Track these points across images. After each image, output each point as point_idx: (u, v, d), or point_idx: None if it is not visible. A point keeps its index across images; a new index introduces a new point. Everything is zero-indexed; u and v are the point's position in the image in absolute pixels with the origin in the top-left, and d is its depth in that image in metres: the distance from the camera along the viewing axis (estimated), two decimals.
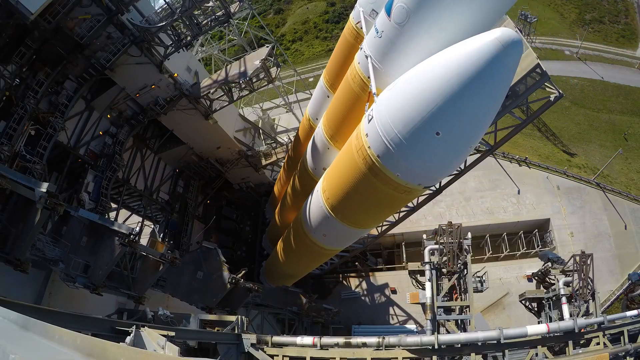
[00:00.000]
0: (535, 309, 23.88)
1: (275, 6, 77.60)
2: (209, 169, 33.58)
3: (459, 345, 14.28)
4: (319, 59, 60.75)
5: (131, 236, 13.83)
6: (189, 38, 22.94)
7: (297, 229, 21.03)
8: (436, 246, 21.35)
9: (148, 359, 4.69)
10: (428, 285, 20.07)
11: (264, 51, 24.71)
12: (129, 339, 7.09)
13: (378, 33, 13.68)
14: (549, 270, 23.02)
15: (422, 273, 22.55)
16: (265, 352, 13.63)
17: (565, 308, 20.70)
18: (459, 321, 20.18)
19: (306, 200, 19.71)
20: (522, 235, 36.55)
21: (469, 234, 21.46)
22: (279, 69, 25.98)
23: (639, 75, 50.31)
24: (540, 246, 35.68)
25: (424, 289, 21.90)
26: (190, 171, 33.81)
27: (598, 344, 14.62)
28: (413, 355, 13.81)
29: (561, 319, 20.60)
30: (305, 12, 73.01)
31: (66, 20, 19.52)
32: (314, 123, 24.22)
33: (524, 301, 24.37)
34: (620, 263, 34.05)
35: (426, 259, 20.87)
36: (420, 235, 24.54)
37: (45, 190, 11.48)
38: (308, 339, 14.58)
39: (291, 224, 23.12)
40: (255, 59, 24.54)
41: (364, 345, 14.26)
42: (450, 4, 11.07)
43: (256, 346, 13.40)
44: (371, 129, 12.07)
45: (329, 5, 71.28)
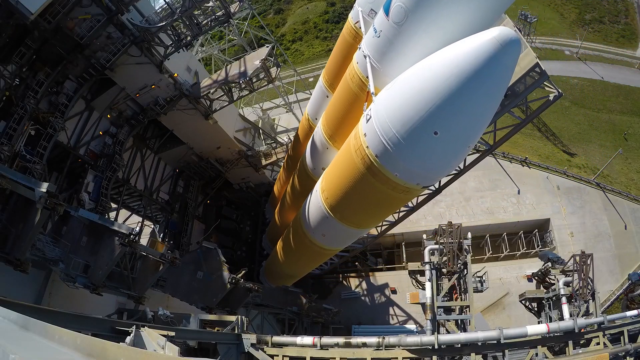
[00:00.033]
0: (535, 309, 23.88)
1: (275, 6, 77.59)
2: (209, 169, 33.58)
3: (459, 345, 14.28)
4: (319, 59, 60.72)
5: (131, 236, 13.84)
6: (189, 38, 22.95)
7: (297, 229, 21.04)
8: (436, 246, 21.35)
9: (148, 359, 4.69)
10: (428, 285, 20.07)
11: (264, 51, 24.72)
12: (129, 339, 7.09)
13: (376, 33, 13.65)
14: (549, 270, 23.02)
15: (422, 273, 22.55)
16: (265, 352, 13.64)
17: (565, 308, 20.70)
18: (459, 321, 20.18)
19: (305, 200, 19.72)
20: (522, 235, 36.53)
21: (469, 234, 21.46)
22: (279, 69, 25.99)
23: (639, 75, 50.29)
24: (540, 246, 35.67)
25: (424, 289, 21.90)
26: (190, 171, 33.82)
27: (598, 344, 14.62)
28: (413, 355, 13.81)
29: (561, 319, 20.60)
30: (305, 12, 73.00)
31: (66, 20, 19.53)
32: (313, 123, 24.21)
33: (524, 301, 24.37)
34: (620, 263, 34.05)
35: (426, 259, 20.87)
36: (420, 235, 24.55)
37: (45, 190, 11.48)
38: (308, 339, 14.58)
39: (290, 224, 23.13)
40: (255, 59, 24.55)
41: (364, 345, 14.26)
42: (448, 3, 11.03)
43: (256, 346, 13.40)
44: (369, 128, 12.06)
45: (329, 5, 71.28)
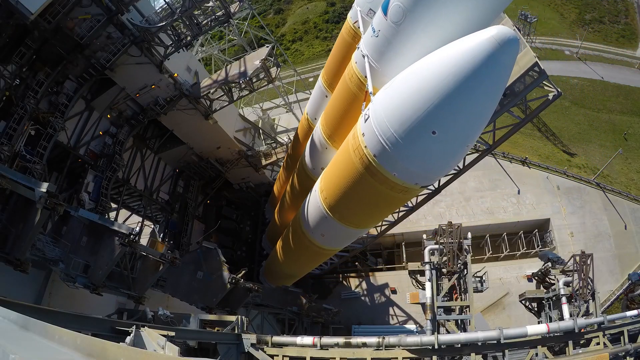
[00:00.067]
0: (535, 309, 23.89)
1: (275, 6, 77.58)
2: (209, 169, 33.58)
3: (459, 345, 14.28)
4: (319, 59, 60.70)
5: (131, 236, 13.84)
6: (189, 38, 22.95)
7: (296, 229, 21.02)
8: (436, 246, 21.37)
9: (148, 359, 4.69)
10: (428, 285, 20.08)
11: (264, 51, 24.72)
12: (129, 339, 7.10)
13: (375, 32, 13.60)
14: (549, 270, 23.03)
15: (422, 273, 22.56)
16: (265, 352, 13.64)
17: (565, 308, 20.71)
18: (459, 321, 20.20)
19: (304, 200, 19.69)
20: (522, 235, 36.52)
21: (469, 234, 21.46)
22: (279, 69, 25.98)
23: (639, 75, 50.29)
24: (540, 246, 35.66)
25: (424, 289, 21.91)
26: (190, 171, 33.81)
27: (598, 344, 14.62)
28: (413, 355, 13.81)
29: (561, 319, 20.61)
30: (305, 12, 73.01)
31: (66, 20, 19.53)
32: (313, 123, 24.18)
33: (524, 301, 24.38)
34: (620, 263, 34.05)
35: (426, 259, 20.89)
36: (420, 235, 24.55)
37: (45, 190, 11.48)
38: (308, 339, 14.58)
39: (290, 224, 23.12)
40: (255, 59, 24.54)
41: (364, 345, 14.26)
42: (446, 2, 10.98)
43: (256, 346, 13.41)
44: (368, 128, 12.03)
45: (329, 5, 71.28)
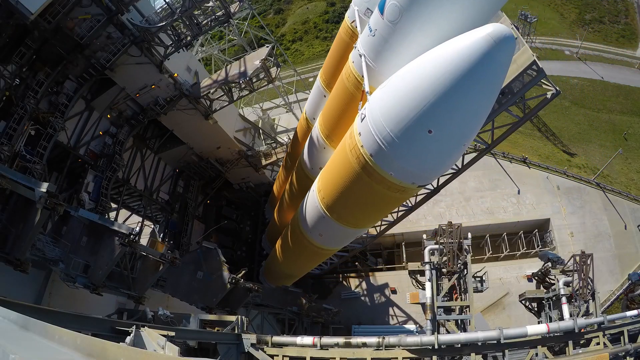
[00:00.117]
0: (535, 309, 23.89)
1: (275, 6, 77.62)
2: (209, 169, 33.58)
3: (459, 345, 14.28)
4: (319, 59, 60.68)
5: (131, 236, 13.84)
6: (189, 38, 22.94)
7: (294, 229, 21.01)
8: (436, 246, 21.36)
9: (148, 359, 4.69)
10: (428, 285, 20.08)
11: (264, 51, 24.72)
12: (129, 339, 7.10)
13: (372, 32, 13.55)
14: (549, 270, 23.02)
15: (422, 273, 22.56)
16: (265, 352, 13.64)
17: (565, 308, 20.70)
18: (459, 321, 20.19)
19: (303, 199, 19.66)
20: (522, 235, 36.53)
21: (469, 234, 21.46)
22: (279, 69, 25.98)
23: (639, 75, 50.30)
24: (540, 246, 35.67)
25: (424, 289, 21.91)
26: (190, 171, 33.81)
27: (598, 344, 14.62)
28: (413, 355, 13.81)
29: (561, 319, 20.60)
30: (305, 12, 73.03)
31: (66, 20, 19.52)
32: (311, 122, 24.14)
33: (524, 301, 24.38)
34: (620, 263, 34.05)
35: (426, 259, 20.88)
36: (420, 235, 24.53)
37: (45, 190, 11.48)
38: (308, 339, 14.57)
39: (289, 223, 23.11)
40: (255, 59, 24.54)
41: (364, 345, 14.26)
42: (442, 0, 10.94)
43: (256, 346, 13.40)
44: (364, 127, 11.99)
45: (329, 5, 71.31)
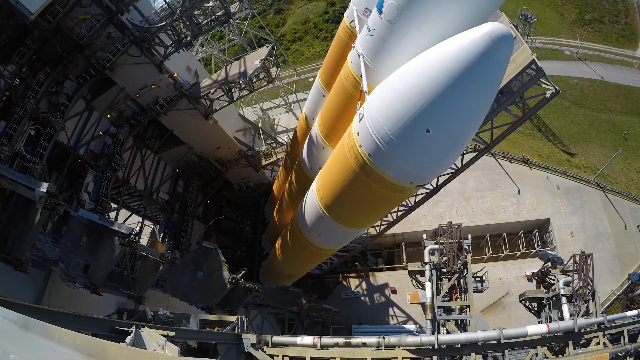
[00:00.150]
0: (535, 309, 23.90)
1: (275, 6, 77.62)
2: (209, 169, 33.58)
3: (459, 345, 14.28)
4: (319, 59, 60.64)
5: (131, 236, 13.84)
6: (189, 38, 22.94)
7: (294, 229, 21.00)
8: (436, 246, 21.37)
9: (148, 359, 4.69)
10: (428, 285, 20.09)
11: (264, 51, 24.72)
12: (129, 339, 7.10)
13: (370, 31, 13.52)
14: (549, 270, 23.04)
15: (422, 273, 22.56)
16: (265, 352, 13.64)
17: (565, 308, 20.72)
18: (459, 321, 20.20)
19: (302, 199, 19.65)
20: (522, 235, 36.54)
21: (469, 234, 21.46)
22: (279, 69, 25.98)
23: (639, 75, 50.31)
24: (540, 246, 35.67)
25: (424, 289, 21.92)
26: (190, 171, 33.80)
27: (598, 344, 14.62)
28: (413, 355, 13.82)
29: (561, 319, 20.62)
30: (305, 12, 73.03)
31: (66, 20, 19.52)
32: (311, 122, 24.12)
33: (524, 301, 24.39)
34: (620, 263, 34.07)
35: (426, 259, 20.89)
36: (420, 235, 24.54)
37: (45, 190, 11.48)
38: (308, 339, 14.58)
39: (288, 223, 23.11)
40: (255, 59, 24.54)
41: (364, 345, 14.26)
42: (441, 0, 10.90)
43: (256, 346, 13.41)
44: (362, 127, 11.97)
45: (329, 5, 71.30)
